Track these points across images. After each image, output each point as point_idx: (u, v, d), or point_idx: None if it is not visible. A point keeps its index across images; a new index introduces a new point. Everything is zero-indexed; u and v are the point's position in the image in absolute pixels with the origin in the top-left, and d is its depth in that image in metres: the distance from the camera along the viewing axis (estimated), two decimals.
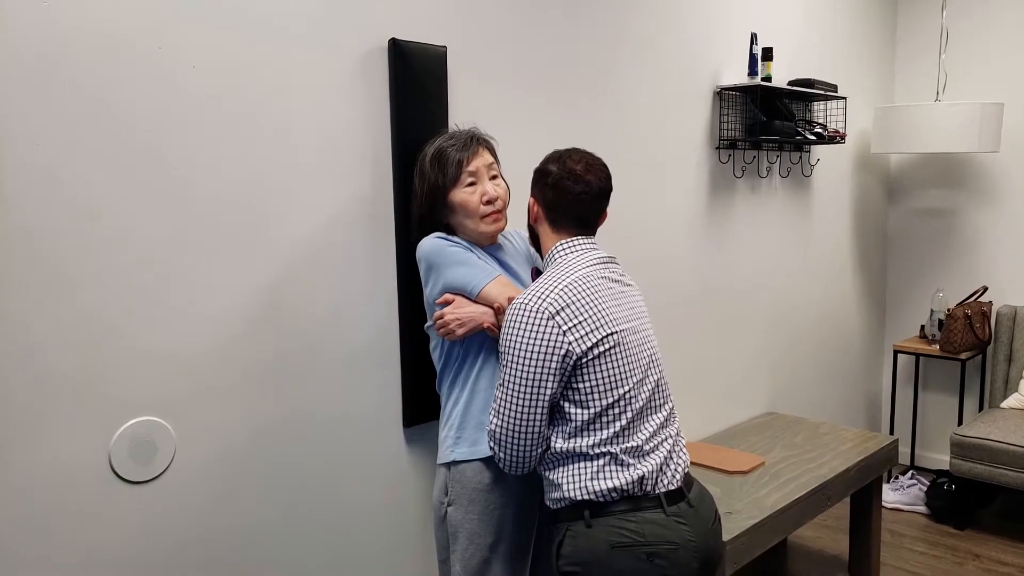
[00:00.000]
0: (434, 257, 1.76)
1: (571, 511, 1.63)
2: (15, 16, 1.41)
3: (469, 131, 1.81)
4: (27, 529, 1.50)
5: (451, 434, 1.79)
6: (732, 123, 3.02)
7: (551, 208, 1.71)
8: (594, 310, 1.61)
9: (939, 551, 3.26)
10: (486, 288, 1.72)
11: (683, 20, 2.78)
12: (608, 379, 1.60)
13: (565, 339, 1.58)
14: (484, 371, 1.77)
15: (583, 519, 1.60)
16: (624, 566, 1.57)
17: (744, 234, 3.18)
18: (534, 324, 1.58)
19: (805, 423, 3.16)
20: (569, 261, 1.68)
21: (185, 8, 1.61)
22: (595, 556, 1.58)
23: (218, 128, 1.67)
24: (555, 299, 1.60)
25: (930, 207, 4.06)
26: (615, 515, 1.59)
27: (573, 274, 1.64)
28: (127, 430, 1.59)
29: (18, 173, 1.43)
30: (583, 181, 1.68)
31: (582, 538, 1.60)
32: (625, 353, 1.63)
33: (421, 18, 2.00)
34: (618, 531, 1.58)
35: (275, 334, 1.80)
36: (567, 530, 1.63)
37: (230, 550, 1.77)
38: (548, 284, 1.63)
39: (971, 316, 3.65)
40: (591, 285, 1.64)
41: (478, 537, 1.75)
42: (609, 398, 1.60)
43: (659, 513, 1.60)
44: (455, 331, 1.72)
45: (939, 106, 3.41)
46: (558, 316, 1.58)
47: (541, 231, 1.76)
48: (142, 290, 1.59)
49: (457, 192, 1.76)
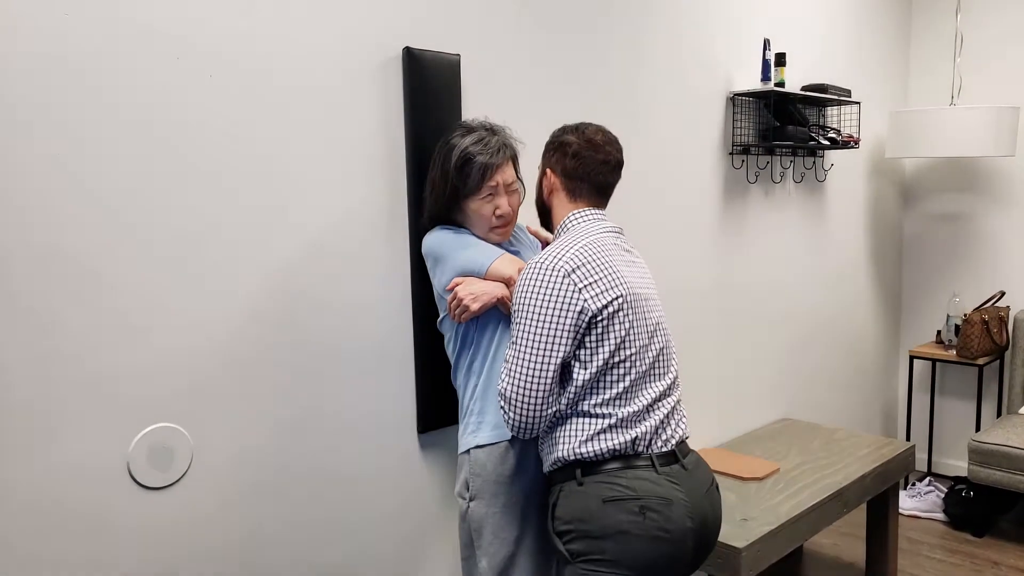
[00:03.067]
0: (439, 248, 1.79)
1: (563, 471, 1.65)
2: (36, 19, 1.43)
3: (498, 140, 1.78)
4: (47, 534, 1.51)
5: (472, 420, 1.79)
6: (745, 128, 3.02)
7: (571, 176, 1.73)
8: (608, 270, 1.63)
9: (957, 559, 3.23)
10: (494, 264, 1.74)
11: (696, 26, 2.79)
12: (615, 340, 1.62)
13: (581, 296, 1.59)
14: (499, 354, 1.77)
15: (575, 478, 1.62)
16: (617, 519, 1.58)
17: (758, 239, 3.17)
18: (550, 281, 1.59)
19: (820, 429, 3.14)
20: (582, 228, 1.70)
21: (206, 16, 1.63)
22: (588, 513, 1.60)
23: (236, 133, 1.69)
24: (571, 258, 1.61)
25: (946, 211, 4.03)
26: (605, 472, 1.61)
27: (587, 238, 1.67)
28: (145, 436, 1.61)
29: (38, 175, 1.46)
30: (603, 151, 1.72)
31: (574, 496, 1.62)
32: (634, 316, 1.65)
33: (435, 27, 2.02)
34: (608, 486, 1.60)
35: (290, 339, 1.81)
36: (560, 490, 1.65)
37: (247, 554, 1.78)
38: (563, 246, 1.65)
39: (988, 321, 3.62)
40: (604, 248, 1.67)
41: (503, 531, 1.74)
42: (614, 359, 1.62)
43: (650, 471, 1.62)
44: (470, 307, 1.71)
45: (954, 110, 3.39)
46: (574, 274, 1.60)
47: (556, 202, 1.77)
48: (158, 295, 1.61)
49: (473, 201, 1.77)
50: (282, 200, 1.77)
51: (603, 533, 1.58)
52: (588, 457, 1.62)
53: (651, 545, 1.57)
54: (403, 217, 1.99)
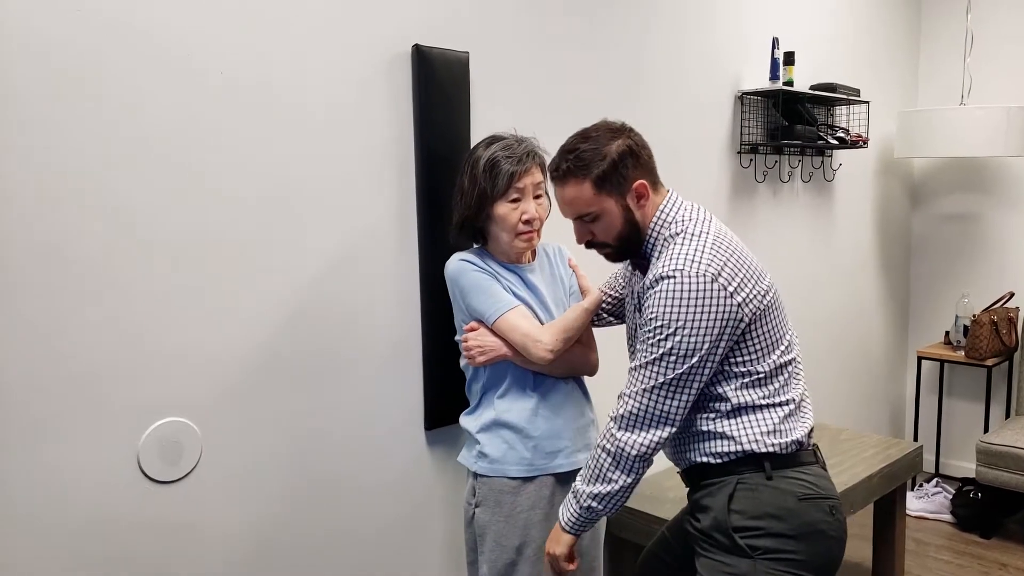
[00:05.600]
0: (458, 279, 1.80)
1: (740, 463, 1.53)
2: (44, 26, 1.44)
3: (526, 146, 1.79)
4: (59, 528, 1.52)
5: (476, 446, 1.82)
6: (753, 128, 3.01)
7: (652, 171, 1.61)
8: (746, 266, 1.51)
9: (965, 560, 3.22)
10: (502, 317, 1.75)
11: (705, 25, 2.78)
12: (775, 330, 1.55)
13: (733, 301, 1.46)
14: (508, 394, 1.81)
15: (763, 471, 1.52)
16: (813, 518, 1.51)
17: (765, 239, 3.16)
18: (700, 290, 1.44)
19: (827, 429, 3.13)
20: (690, 215, 1.56)
21: (213, 18, 1.63)
22: (784, 510, 1.50)
23: (244, 135, 1.70)
24: (709, 260, 1.46)
25: (955, 212, 4.01)
26: (793, 467, 1.53)
27: (709, 230, 1.52)
28: (155, 431, 1.62)
29: (48, 180, 1.47)
30: (639, 137, 1.64)
31: (764, 491, 1.51)
32: (779, 302, 1.59)
33: (444, 24, 2.02)
34: (800, 483, 1.52)
35: (299, 338, 1.82)
36: (738, 483, 1.53)
37: (255, 549, 1.79)
38: (691, 245, 1.48)
39: (997, 322, 3.61)
40: (728, 239, 1.54)
41: (504, 539, 1.77)
42: (779, 347, 1.55)
43: (819, 467, 1.58)
44: (476, 359, 1.77)
45: (964, 110, 3.37)
46: (720, 278, 1.45)
47: (646, 206, 1.57)
48: (170, 294, 1.62)
49: (501, 204, 1.76)
50: (291, 201, 1.78)
51: (798, 532, 1.50)
52: (780, 450, 1.52)
53: (838, 546, 1.54)
54: (412, 216, 1.99)
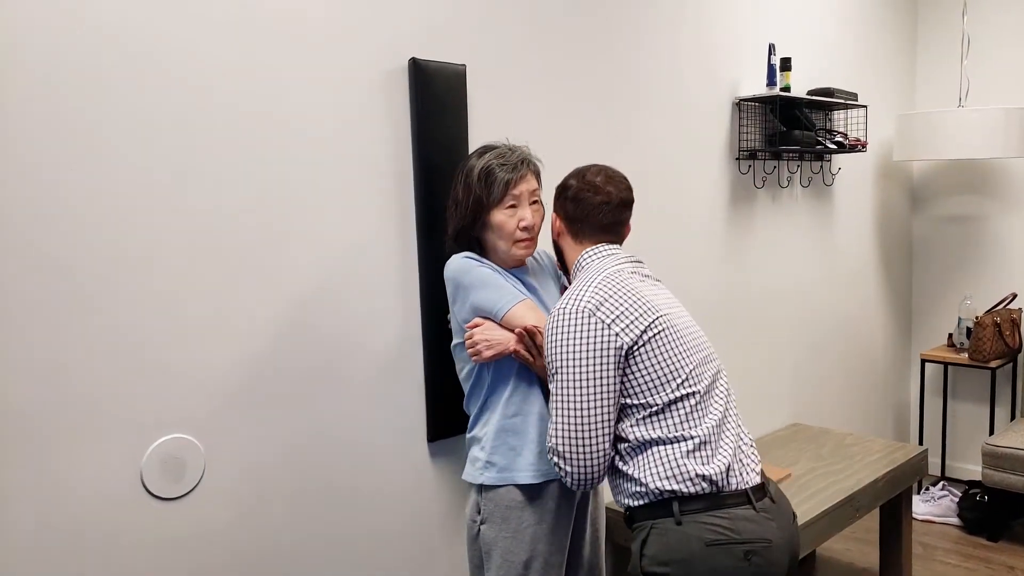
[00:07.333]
0: (461, 277, 1.76)
1: (655, 508, 1.55)
2: (41, 32, 1.45)
3: (519, 154, 1.79)
4: (62, 545, 1.52)
5: (481, 457, 1.79)
6: (752, 133, 3.02)
7: (573, 220, 1.72)
8: (632, 300, 1.58)
9: (972, 563, 3.20)
10: (512, 311, 1.72)
11: (701, 32, 2.79)
12: (668, 361, 1.56)
13: (611, 331, 1.54)
14: (515, 396, 1.77)
15: (672, 515, 1.52)
16: (721, 564, 1.49)
17: (766, 244, 3.16)
18: (577, 324, 1.55)
19: (831, 434, 3.13)
20: (595, 265, 1.68)
21: (213, 32, 1.64)
22: (689, 554, 1.50)
23: (243, 149, 1.71)
24: (590, 297, 1.58)
25: (955, 214, 4.01)
26: (705, 511, 1.52)
27: (602, 273, 1.63)
28: (158, 448, 1.62)
29: (44, 193, 1.47)
30: (603, 192, 1.69)
31: (672, 535, 1.51)
32: (677, 335, 1.59)
33: (441, 37, 2.03)
34: (711, 528, 1.50)
35: (301, 351, 1.82)
36: (652, 528, 1.54)
37: (258, 565, 1.79)
38: (579, 287, 1.61)
39: (1000, 324, 3.60)
40: (622, 280, 1.62)
41: (512, 555, 1.74)
42: (675, 380, 1.56)
43: (749, 509, 1.53)
44: (482, 352, 1.72)
45: (962, 112, 3.38)
46: (599, 312, 1.56)
47: (564, 245, 1.76)
48: (169, 308, 1.62)
49: (497, 212, 1.76)
50: (289, 213, 1.79)
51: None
52: (685, 489, 1.52)
53: None
54: (411, 230, 2.00)
